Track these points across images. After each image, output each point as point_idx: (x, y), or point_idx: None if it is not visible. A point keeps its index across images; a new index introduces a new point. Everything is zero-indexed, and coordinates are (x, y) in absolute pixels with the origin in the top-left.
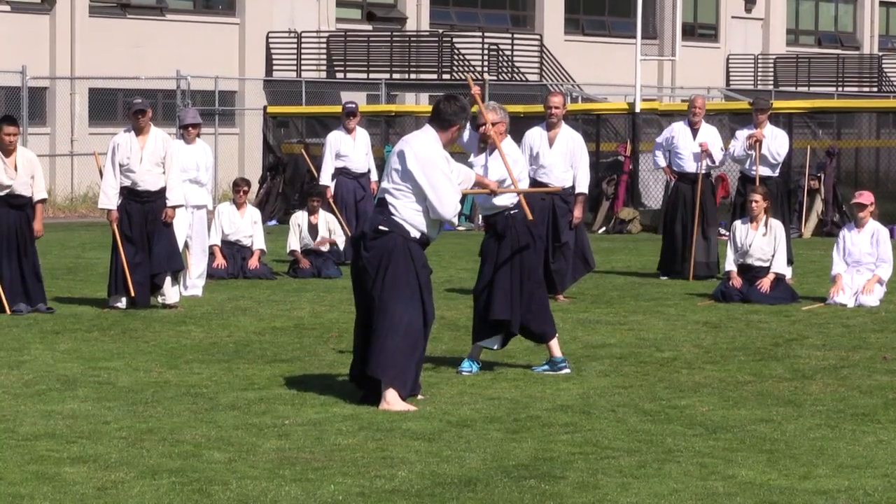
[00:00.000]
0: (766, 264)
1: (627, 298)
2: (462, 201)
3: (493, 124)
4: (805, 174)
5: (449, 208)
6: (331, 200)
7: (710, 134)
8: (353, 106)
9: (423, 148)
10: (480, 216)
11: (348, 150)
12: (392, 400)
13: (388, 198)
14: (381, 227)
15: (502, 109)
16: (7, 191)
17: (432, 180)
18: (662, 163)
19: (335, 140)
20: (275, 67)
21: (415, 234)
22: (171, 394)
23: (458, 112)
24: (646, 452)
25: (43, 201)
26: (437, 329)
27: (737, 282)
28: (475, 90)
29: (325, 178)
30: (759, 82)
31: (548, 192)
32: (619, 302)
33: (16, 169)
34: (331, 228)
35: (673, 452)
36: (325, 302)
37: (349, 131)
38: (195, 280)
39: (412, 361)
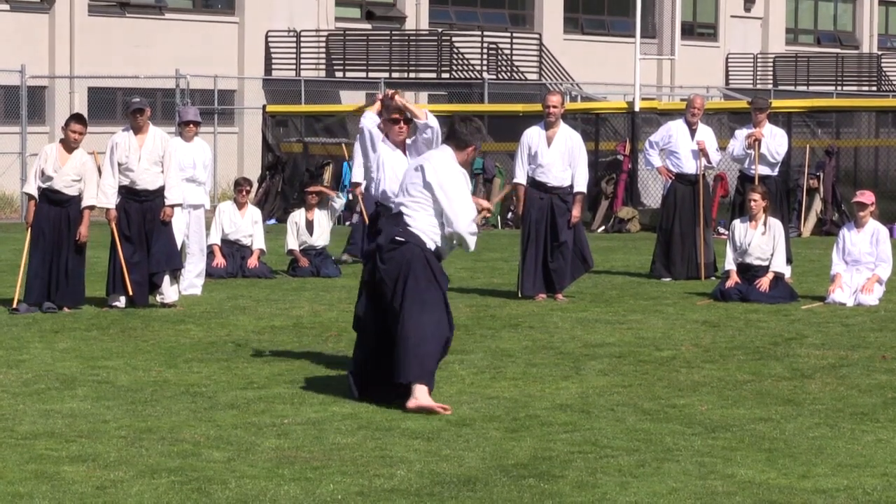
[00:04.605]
0: (766, 263)
1: (626, 297)
2: None
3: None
4: (804, 173)
5: (464, 222)
6: (360, 197)
7: (706, 134)
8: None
9: (441, 164)
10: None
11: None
12: (421, 395)
13: (404, 210)
14: (397, 238)
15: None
16: (49, 183)
17: (450, 192)
18: (657, 162)
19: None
20: (274, 66)
21: (430, 245)
22: (170, 393)
23: (473, 133)
24: (645, 451)
25: (90, 208)
26: None
27: (734, 280)
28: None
29: (358, 176)
30: (758, 81)
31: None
32: (618, 301)
33: (63, 166)
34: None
35: (672, 451)
36: (324, 301)
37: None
38: (194, 279)
39: (436, 366)
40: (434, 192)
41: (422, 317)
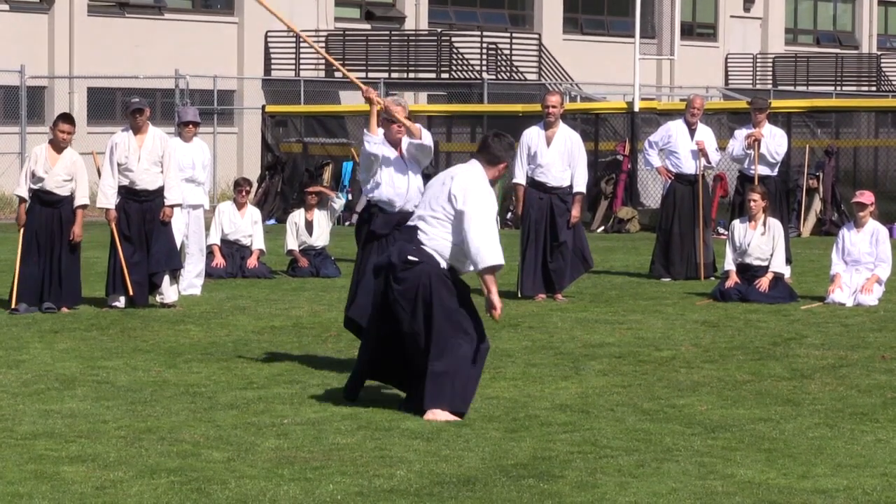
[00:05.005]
0: (765, 263)
1: (626, 298)
2: None
3: (396, 121)
4: (804, 173)
5: (485, 257)
6: None
7: (705, 134)
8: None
9: (471, 180)
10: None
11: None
12: (441, 415)
13: (422, 225)
14: (410, 258)
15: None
16: (40, 184)
17: (474, 215)
18: (656, 162)
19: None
20: (273, 66)
21: (444, 265)
22: (170, 393)
23: (507, 149)
24: (644, 452)
25: (83, 207)
26: None
27: (733, 280)
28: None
29: None
30: (757, 81)
31: None
32: (618, 301)
33: (53, 166)
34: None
35: (672, 451)
36: (323, 301)
37: None
38: (194, 279)
39: (477, 382)
40: (456, 206)
41: (456, 343)
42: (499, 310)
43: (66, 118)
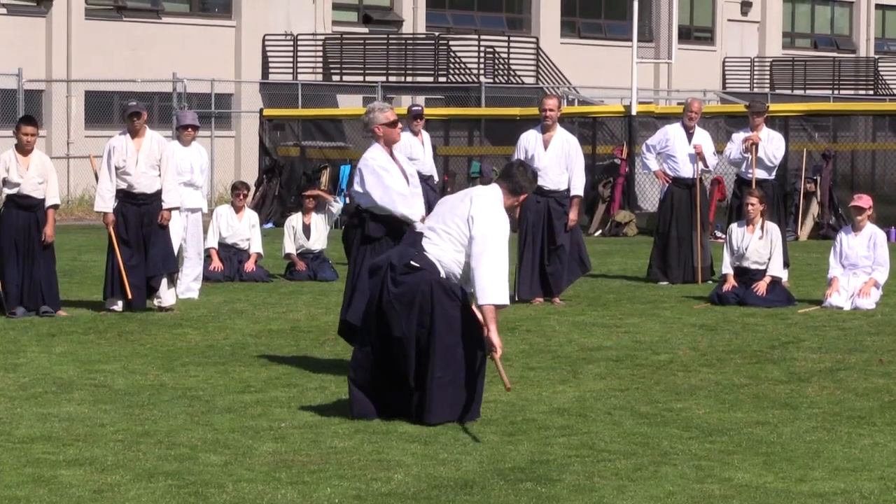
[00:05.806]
0: (763, 267)
1: (623, 301)
2: None
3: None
4: (801, 177)
5: (492, 284)
6: None
7: (703, 138)
8: (420, 108)
9: (490, 206)
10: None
11: (418, 153)
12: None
13: (431, 235)
14: (412, 263)
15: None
16: (16, 189)
17: (488, 248)
18: (654, 166)
19: (406, 143)
20: (271, 70)
21: (443, 274)
22: (168, 396)
23: (531, 181)
24: (642, 455)
25: (55, 207)
26: None
27: (731, 284)
28: None
29: None
30: (755, 85)
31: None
32: (615, 305)
33: (27, 169)
34: (329, 210)
35: (669, 455)
36: (321, 304)
37: (416, 134)
38: (191, 283)
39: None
40: (472, 230)
41: (459, 352)
42: (499, 351)
43: (29, 120)
